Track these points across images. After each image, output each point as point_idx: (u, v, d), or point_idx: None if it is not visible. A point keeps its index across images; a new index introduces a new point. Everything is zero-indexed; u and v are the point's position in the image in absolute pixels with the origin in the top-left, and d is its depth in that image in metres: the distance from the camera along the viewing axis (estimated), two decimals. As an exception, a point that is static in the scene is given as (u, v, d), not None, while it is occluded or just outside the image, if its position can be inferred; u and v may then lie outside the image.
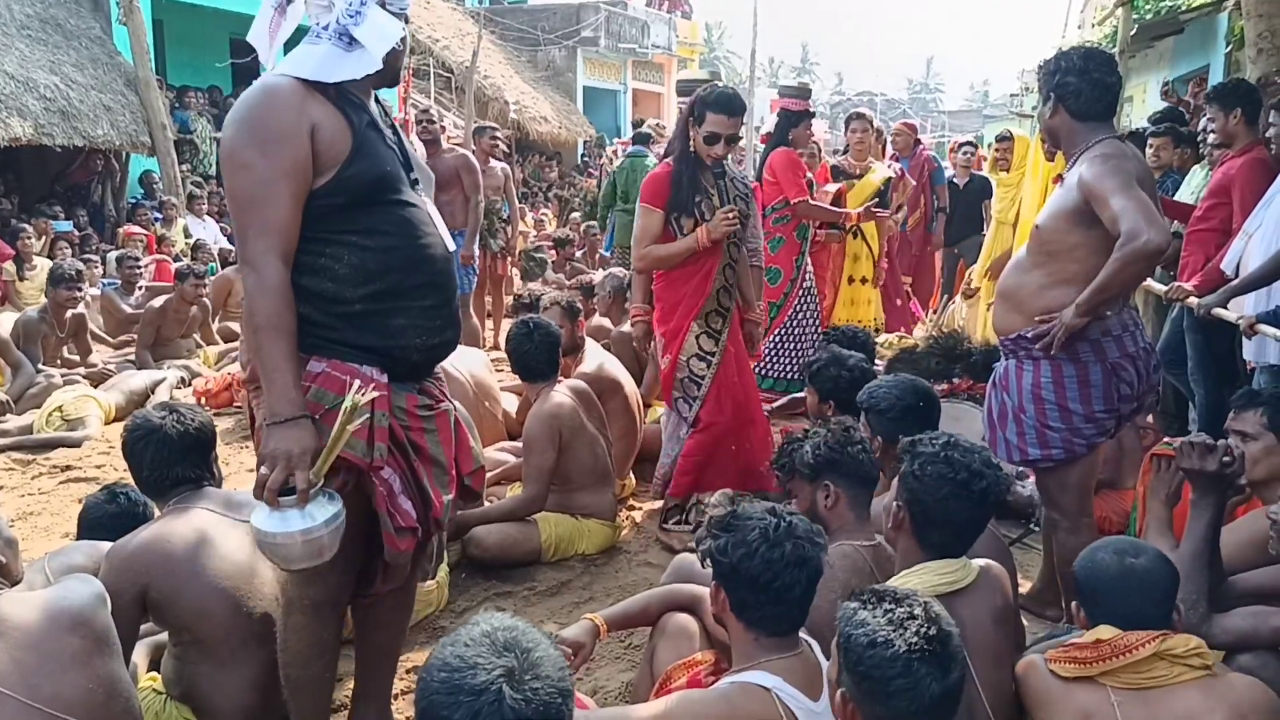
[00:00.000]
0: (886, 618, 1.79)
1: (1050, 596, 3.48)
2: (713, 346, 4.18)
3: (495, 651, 1.41)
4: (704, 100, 4.02)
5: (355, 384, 2.20)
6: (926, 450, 2.34)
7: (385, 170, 2.30)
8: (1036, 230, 3.12)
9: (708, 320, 4.18)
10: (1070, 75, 3.03)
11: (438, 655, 1.43)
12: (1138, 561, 2.12)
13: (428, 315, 2.37)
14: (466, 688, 1.37)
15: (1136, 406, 3.17)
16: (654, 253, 4.14)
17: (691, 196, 4.05)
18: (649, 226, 4.10)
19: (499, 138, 8.28)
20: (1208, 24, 10.20)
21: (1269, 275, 4.17)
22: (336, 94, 2.27)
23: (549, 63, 23.87)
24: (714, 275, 4.15)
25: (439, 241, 2.40)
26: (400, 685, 3.10)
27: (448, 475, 2.47)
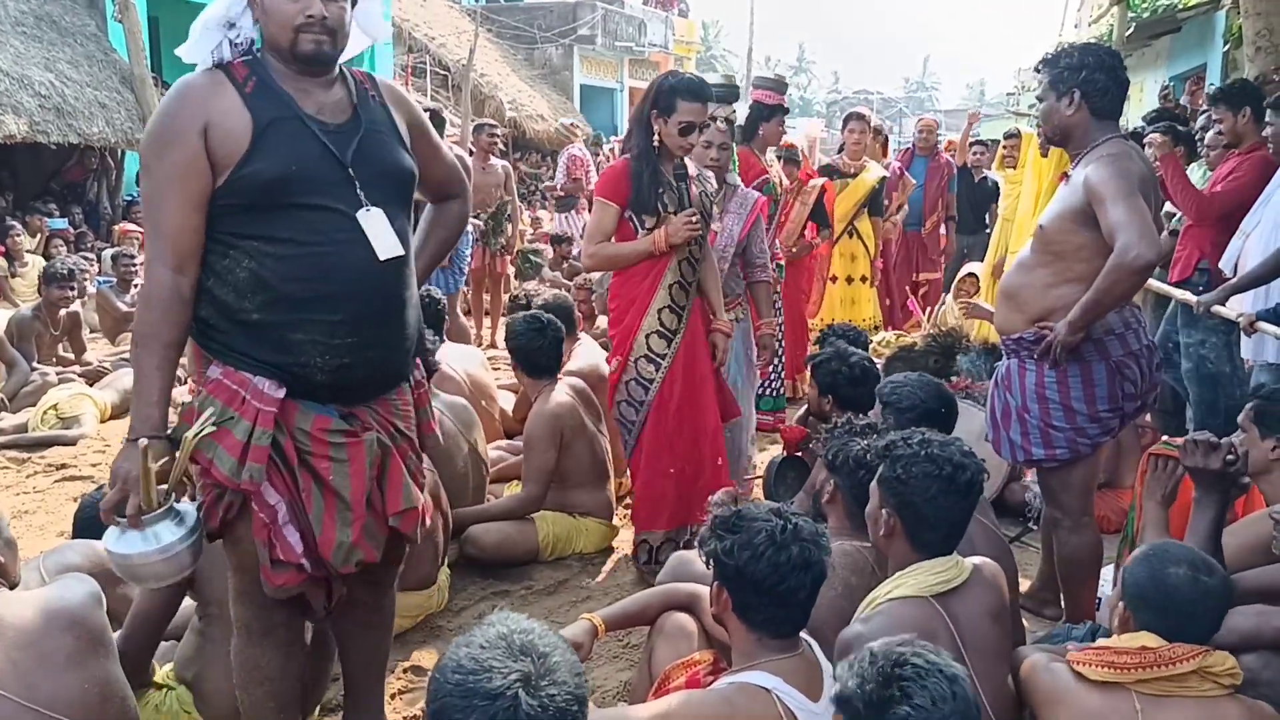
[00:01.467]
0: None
1: (1049, 595, 3.48)
2: (664, 348, 3.76)
3: (511, 655, 1.39)
4: (673, 89, 3.62)
5: (207, 413, 2.10)
6: (906, 452, 2.30)
7: (289, 171, 2.09)
8: (1041, 230, 3.10)
9: (660, 317, 3.76)
10: (1099, 72, 2.98)
11: (452, 656, 1.41)
12: (1210, 581, 2.04)
13: (332, 332, 2.14)
14: (482, 691, 1.35)
15: (1140, 405, 3.16)
16: (604, 251, 3.79)
17: (655, 192, 3.69)
18: (602, 222, 3.76)
19: (498, 135, 8.25)
20: (1205, 22, 10.21)
21: (1267, 274, 4.17)
22: (256, 87, 2.13)
23: (546, 61, 23.85)
24: (667, 269, 3.72)
25: (362, 252, 2.15)
26: (397, 685, 3.09)
27: (352, 513, 2.20)
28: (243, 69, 2.15)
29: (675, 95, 3.59)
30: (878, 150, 7.66)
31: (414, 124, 2.37)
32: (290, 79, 2.16)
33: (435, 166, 2.46)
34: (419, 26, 19.75)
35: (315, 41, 2.10)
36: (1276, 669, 2.24)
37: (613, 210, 3.71)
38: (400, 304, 2.25)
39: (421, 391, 2.43)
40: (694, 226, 3.69)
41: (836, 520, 2.72)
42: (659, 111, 3.64)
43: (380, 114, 2.27)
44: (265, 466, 2.12)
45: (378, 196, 2.18)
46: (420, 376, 2.44)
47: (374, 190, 2.17)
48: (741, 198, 4.45)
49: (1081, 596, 3.22)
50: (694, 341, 3.82)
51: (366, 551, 2.24)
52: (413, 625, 3.46)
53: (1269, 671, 2.20)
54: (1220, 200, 4.58)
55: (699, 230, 3.73)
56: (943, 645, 2.10)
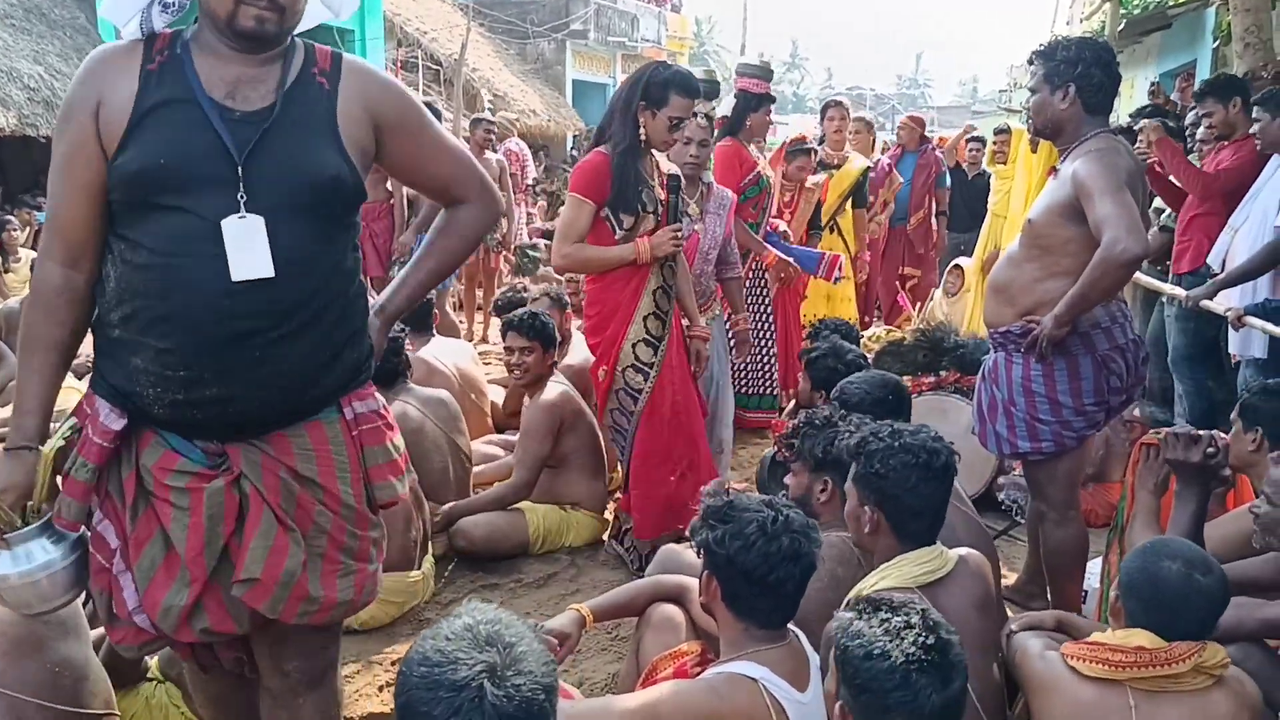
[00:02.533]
0: (883, 627, 1.74)
1: (1035, 589, 3.49)
2: (651, 356, 3.64)
3: (477, 646, 1.38)
4: (667, 81, 3.46)
5: (64, 428, 1.91)
6: (880, 446, 2.31)
7: (155, 164, 1.78)
8: (1029, 224, 3.12)
9: (645, 325, 3.63)
10: (1095, 67, 2.99)
11: (418, 649, 1.40)
12: (1204, 580, 2.03)
13: (162, 362, 1.80)
14: (446, 683, 1.34)
15: (1125, 399, 3.18)
16: (581, 254, 3.56)
17: (637, 191, 3.51)
18: (577, 221, 3.53)
19: (493, 129, 8.24)
20: (1195, 19, 10.23)
21: (1255, 269, 4.20)
22: (164, 62, 1.84)
23: (538, 55, 23.81)
24: (650, 275, 3.60)
25: (212, 270, 1.77)
26: (386, 677, 3.10)
27: (189, 572, 1.86)
28: (164, 40, 1.87)
29: (669, 88, 3.44)
30: (868, 144, 7.63)
31: (392, 117, 1.98)
32: (210, 55, 1.85)
33: (431, 167, 2.09)
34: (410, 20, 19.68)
35: (258, 18, 1.79)
36: (1258, 660, 2.26)
37: (589, 208, 3.52)
38: (268, 337, 1.82)
39: (368, 429, 2.00)
40: (679, 240, 3.60)
41: (829, 517, 2.72)
42: (648, 103, 3.47)
43: (318, 102, 1.89)
44: (89, 504, 1.90)
45: (271, 201, 1.80)
46: (368, 410, 2.01)
47: (268, 194, 1.80)
48: (719, 197, 4.39)
49: (1067, 589, 3.24)
50: (678, 347, 3.74)
51: (215, 619, 1.89)
52: (399, 617, 3.47)
53: (1250, 663, 2.21)
54: (1225, 177, 4.58)
55: (681, 246, 3.65)
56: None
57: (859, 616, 1.79)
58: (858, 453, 2.35)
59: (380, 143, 1.98)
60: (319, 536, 1.93)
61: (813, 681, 2.05)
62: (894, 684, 1.67)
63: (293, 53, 1.91)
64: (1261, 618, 2.30)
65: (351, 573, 1.98)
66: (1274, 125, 4.26)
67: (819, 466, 2.75)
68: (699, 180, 4.26)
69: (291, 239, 1.82)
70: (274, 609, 1.89)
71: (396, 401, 3.93)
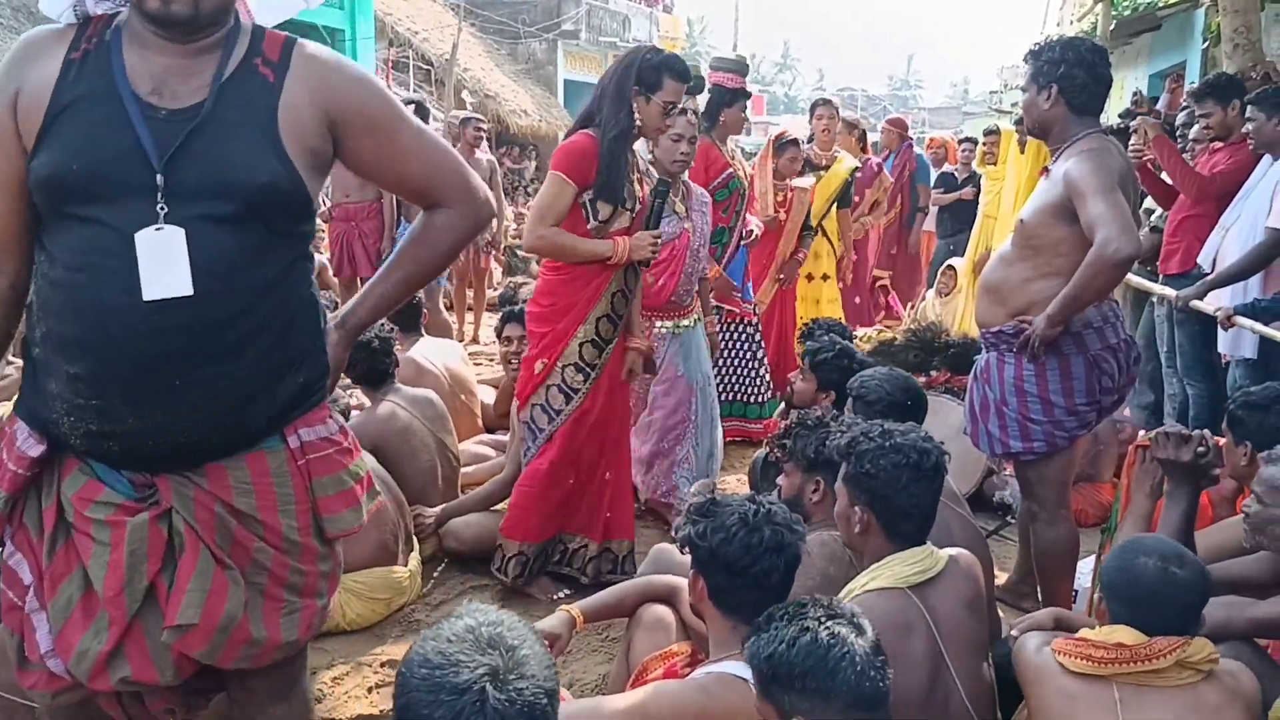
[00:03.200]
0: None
1: (1027, 589, 3.49)
2: (595, 358, 3.49)
3: (479, 648, 1.36)
4: (661, 64, 3.33)
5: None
6: (870, 446, 2.30)
7: (67, 170, 1.60)
8: (1021, 224, 3.12)
9: (597, 326, 3.48)
10: (1077, 68, 3.00)
11: (419, 650, 1.38)
12: (1180, 573, 2.03)
13: (73, 388, 1.64)
14: (448, 686, 1.32)
15: (1117, 399, 3.19)
16: (558, 239, 3.38)
17: (620, 182, 3.35)
18: (557, 202, 3.34)
19: (483, 128, 8.21)
20: (1184, 20, 10.27)
21: (1246, 269, 4.20)
22: (90, 51, 1.67)
23: (529, 55, 23.80)
24: (613, 277, 3.46)
25: (121, 287, 1.59)
26: (374, 679, 3.08)
27: (108, 614, 1.69)
28: (98, 25, 1.69)
29: (663, 72, 3.32)
30: (854, 145, 7.62)
31: (351, 112, 1.75)
32: (139, 45, 1.66)
33: (401, 167, 1.85)
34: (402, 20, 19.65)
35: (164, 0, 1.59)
36: (1247, 659, 2.25)
37: (570, 191, 3.33)
38: (190, 362, 1.63)
39: (318, 458, 1.81)
40: (657, 247, 3.48)
41: (821, 516, 2.72)
42: (642, 88, 3.32)
43: (259, 97, 1.67)
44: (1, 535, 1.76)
45: (195, 211, 1.61)
46: (318, 438, 1.82)
47: (191, 203, 1.61)
48: (700, 196, 4.36)
49: (1058, 589, 3.24)
50: (619, 354, 3.60)
51: (137, 667, 1.71)
52: (388, 617, 3.45)
53: (1240, 661, 2.21)
54: (1221, 180, 4.58)
55: (658, 254, 3.53)
56: (920, 636, 2.13)
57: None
58: (848, 453, 2.34)
59: (339, 141, 1.75)
60: (259, 573, 1.77)
61: None
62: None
63: (235, 41, 1.70)
64: (1250, 617, 2.30)
65: (296, 610, 1.82)
66: (1269, 125, 4.26)
67: (811, 467, 2.75)
68: (678, 179, 4.17)
69: (217, 253, 1.63)
70: (212, 655, 1.74)
71: (385, 401, 3.92)
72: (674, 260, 4.11)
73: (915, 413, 3.10)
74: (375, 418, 3.87)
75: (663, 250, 3.88)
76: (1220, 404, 4.26)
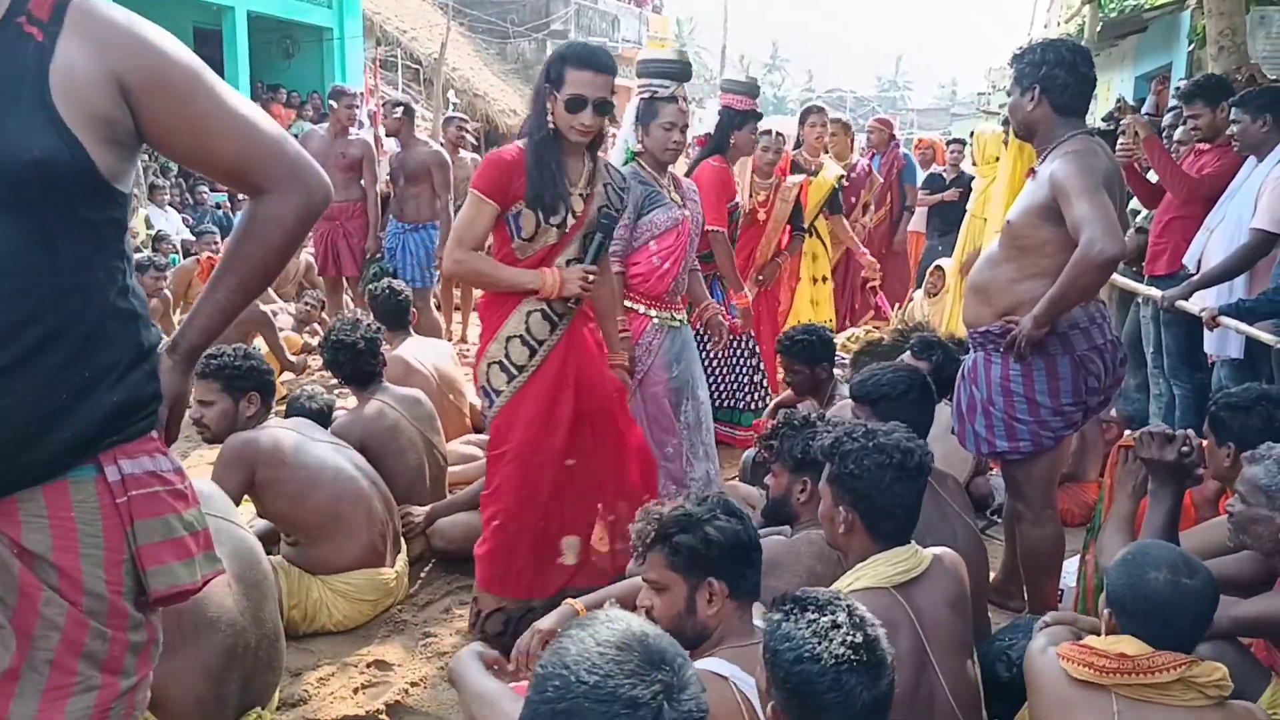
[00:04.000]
0: (810, 629, 1.71)
1: (1013, 588, 3.50)
2: (525, 358, 3.09)
3: (651, 663, 1.33)
4: (561, 56, 3.02)
5: None
6: (854, 446, 2.29)
7: None
8: (1008, 225, 3.14)
9: (507, 349, 3.09)
10: (1059, 69, 3.01)
11: (581, 654, 1.33)
12: (1191, 583, 2.01)
13: None
14: (624, 699, 1.29)
15: (1103, 399, 3.20)
16: (475, 264, 3.09)
17: (551, 191, 2.99)
18: (475, 223, 3.03)
19: (467, 128, 8.21)
20: (1170, 22, 10.32)
21: (1231, 270, 4.22)
22: None
23: (518, 55, 23.78)
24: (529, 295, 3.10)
25: None
26: (360, 679, 3.07)
27: None
28: None
29: (564, 64, 2.97)
30: (846, 145, 7.64)
31: (142, 77, 1.45)
32: None
33: (204, 141, 1.54)
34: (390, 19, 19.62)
35: None
36: (1231, 658, 2.25)
37: (488, 210, 3.01)
38: None
39: (142, 496, 1.53)
40: (589, 286, 3.08)
41: (808, 515, 2.72)
42: (550, 85, 2.99)
43: (24, 60, 1.39)
44: None
45: None
46: (144, 472, 1.54)
47: None
48: (686, 183, 4.21)
49: (1044, 588, 3.25)
50: (555, 382, 3.11)
51: None
52: (374, 617, 3.44)
53: (1223, 661, 2.18)
54: (1210, 182, 4.59)
55: (591, 292, 3.12)
56: (904, 635, 2.13)
57: (786, 618, 1.76)
58: (832, 453, 2.34)
59: (135, 111, 1.46)
60: (47, 636, 1.45)
61: None
62: (825, 685, 1.66)
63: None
64: (1234, 616, 2.30)
65: (93, 688, 1.49)
66: (1254, 127, 4.29)
67: (798, 467, 2.75)
68: (668, 169, 4.01)
69: None
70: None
71: (373, 400, 3.92)
72: (678, 247, 3.94)
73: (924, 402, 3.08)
74: (363, 416, 3.87)
75: (668, 236, 3.87)
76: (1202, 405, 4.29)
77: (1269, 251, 4.10)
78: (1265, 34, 7.50)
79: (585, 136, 3.02)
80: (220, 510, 2.69)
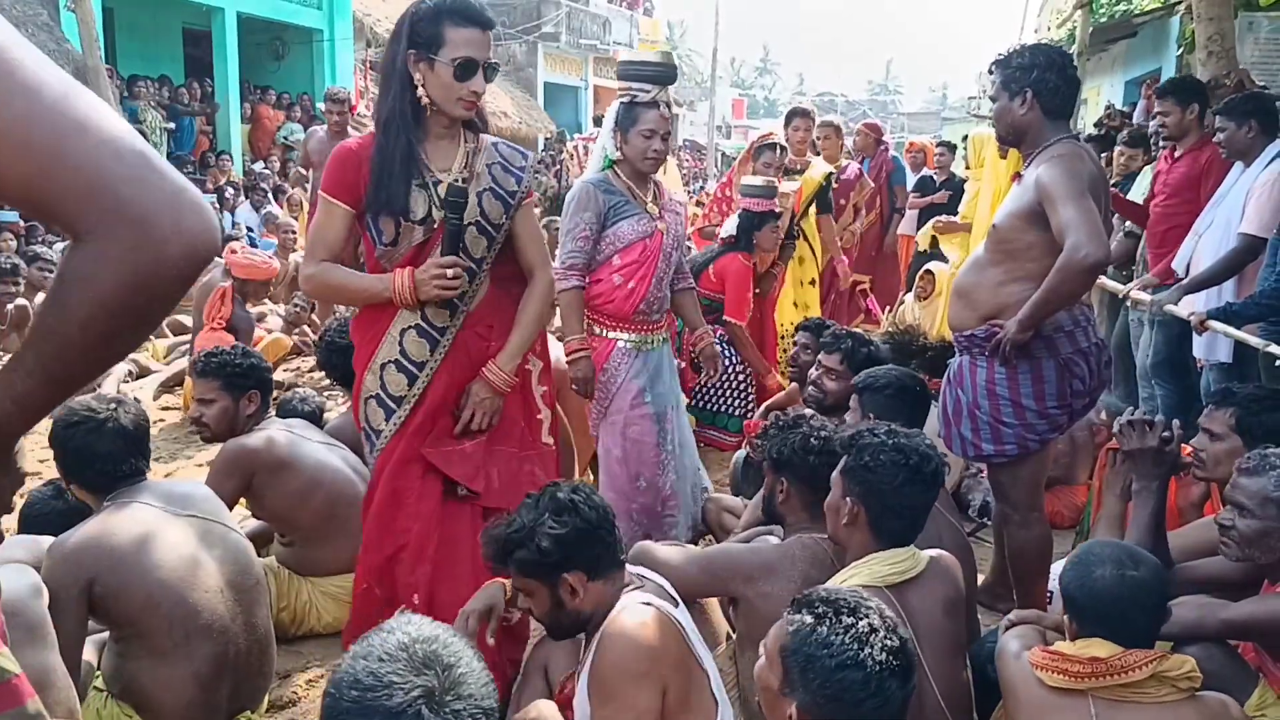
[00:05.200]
0: (850, 634, 1.70)
1: (1002, 590, 3.51)
2: (403, 387, 2.64)
3: (413, 668, 1.28)
4: (435, 11, 2.44)
5: None
6: (873, 441, 2.32)
7: None
8: (994, 229, 3.15)
9: (382, 377, 2.64)
10: (1050, 72, 3.02)
11: (348, 670, 1.29)
12: (1136, 574, 2.04)
13: None
14: (381, 709, 1.24)
15: (1088, 401, 3.21)
16: (326, 277, 2.61)
17: (403, 186, 2.51)
18: (325, 229, 2.60)
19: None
20: (1160, 27, 10.38)
21: (1219, 274, 4.25)
22: None
23: (510, 58, 23.77)
24: (399, 313, 2.62)
25: None
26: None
27: None
28: None
29: (441, 20, 2.43)
30: (838, 148, 7.63)
31: None
32: None
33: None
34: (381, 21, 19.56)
35: None
36: (1220, 661, 2.27)
37: (340, 212, 2.57)
38: None
39: None
40: (450, 284, 2.52)
41: (795, 517, 2.74)
42: (420, 50, 2.46)
43: None
44: None
45: None
46: None
47: None
48: (670, 194, 3.85)
49: (1033, 590, 3.26)
50: (436, 415, 2.68)
51: None
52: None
53: (1212, 663, 2.21)
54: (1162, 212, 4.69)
55: (456, 289, 2.55)
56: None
57: (820, 622, 1.73)
58: (850, 445, 2.36)
59: None
60: None
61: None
62: (869, 692, 1.66)
63: None
64: (1223, 618, 2.31)
65: None
66: (1239, 134, 4.32)
67: (776, 466, 2.76)
68: (649, 178, 3.71)
69: None
70: None
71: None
72: (645, 263, 3.60)
73: (923, 402, 3.18)
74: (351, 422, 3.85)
75: (632, 250, 3.59)
76: (1189, 408, 4.31)
77: (1256, 256, 4.13)
78: (1254, 39, 7.54)
79: (472, 110, 2.54)
80: (213, 514, 2.69)
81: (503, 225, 2.64)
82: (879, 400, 3.19)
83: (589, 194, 3.58)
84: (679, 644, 2.11)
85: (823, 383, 3.77)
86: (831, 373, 3.76)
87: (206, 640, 2.50)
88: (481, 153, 2.65)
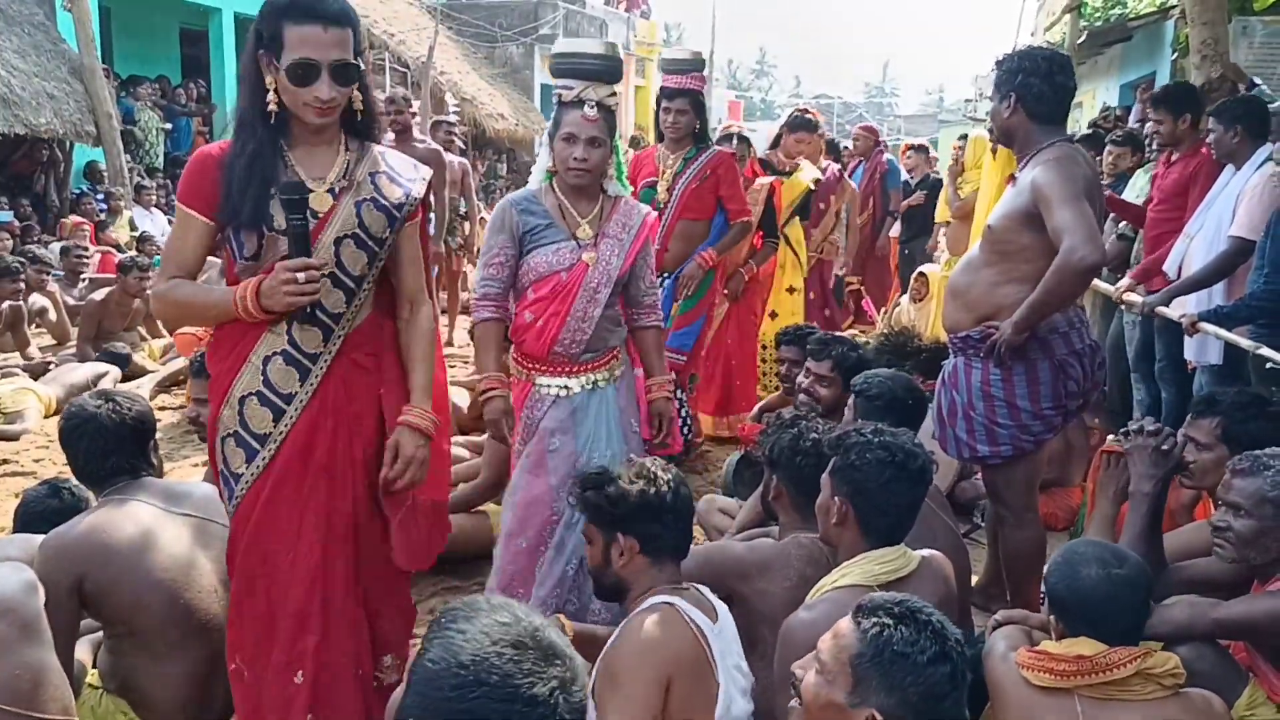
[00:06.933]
0: (929, 631, 1.67)
1: (996, 591, 3.52)
2: (267, 424, 2.30)
3: (546, 659, 1.33)
4: (275, 7, 2.19)
5: None
6: (859, 440, 2.35)
7: None
8: (989, 230, 3.16)
9: (266, 371, 2.30)
10: (1034, 77, 3.05)
11: (479, 654, 1.30)
12: (1121, 572, 2.07)
13: None
14: (524, 698, 1.28)
15: (1082, 403, 3.23)
16: (174, 296, 2.33)
17: (259, 195, 2.23)
18: (181, 243, 2.33)
19: (455, 131, 8.21)
20: (1154, 31, 10.40)
21: (1210, 276, 4.27)
22: None
23: (506, 59, 23.78)
24: (260, 338, 2.31)
25: None
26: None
27: None
28: None
29: (280, 17, 2.18)
30: (819, 148, 7.56)
31: None
32: None
33: None
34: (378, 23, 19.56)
35: None
36: (1210, 660, 2.28)
37: (197, 224, 2.29)
38: None
39: None
40: (303, 289, 2.19)
41: (786, 516, 2.77)
42: (266, 52, 2.21)
43: None
44: None
45: None
46: None
47: None
48: (624, 214, 3.13)
49: (1027, 591, 3.27)
50: (305, 461, 2.32)
51: None
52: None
53: (1202, 663, 2.24)
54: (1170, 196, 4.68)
55: (312, 295, 2.22)
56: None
57: (901, 621, 1.68)
58: (838, 445, 2.38)
59: None
60: None
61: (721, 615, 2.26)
62: (954, 685, 1.65)
63: None
64: (1215, 618, 2.32)
65: None
66: (1227, 137, 4.35)
67: (770, 466, 2.81)
68: (602, 191, 3.14)
69: None
70: None
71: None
72: (556, 298, 3.02)
73: (916, 411, 3.18)
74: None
75: (545, 284, 3.03)
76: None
77: (1246, 258, 4.15)
78: (1248, 43, 7.56)
79: (326, 116, 2.25)
80: (210, 512, 2.70)
81: (386, 240, 2.35)
82: (875, 408, 3.15)
83: (504, 214, 3.10)
84: (692, 646, 2.13)
85: (815, 390, 3.72)
86: (823, 379, 3.72)
87: (201, 639, 2.51)
88: (365, 161, 2.37)
